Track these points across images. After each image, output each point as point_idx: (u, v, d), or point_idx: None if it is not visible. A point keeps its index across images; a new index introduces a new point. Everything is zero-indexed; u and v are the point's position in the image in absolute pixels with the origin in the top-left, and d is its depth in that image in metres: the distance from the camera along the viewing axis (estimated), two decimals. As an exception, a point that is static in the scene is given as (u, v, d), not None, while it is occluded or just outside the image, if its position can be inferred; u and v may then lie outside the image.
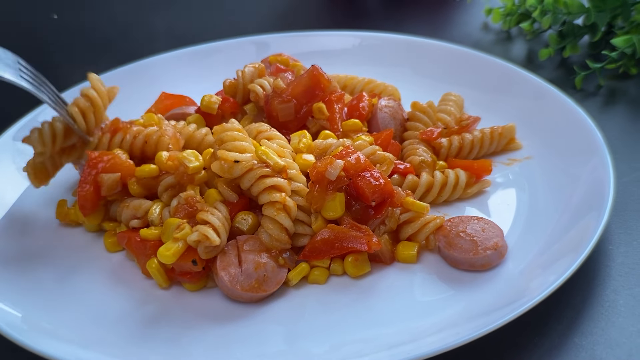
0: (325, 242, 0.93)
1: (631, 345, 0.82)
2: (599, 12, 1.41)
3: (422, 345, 0.79)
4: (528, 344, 0.84)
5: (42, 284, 0.95)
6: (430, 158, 1.08)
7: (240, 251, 0.92)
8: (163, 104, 1.24)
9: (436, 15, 1.77)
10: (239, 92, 1.19)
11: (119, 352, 0.85)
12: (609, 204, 0.92)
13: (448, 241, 0.93)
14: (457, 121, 1.16)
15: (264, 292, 0.90)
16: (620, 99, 1.31)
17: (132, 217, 1.01)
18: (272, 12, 1.85)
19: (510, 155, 1.12)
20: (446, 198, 1.04)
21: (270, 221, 0.93)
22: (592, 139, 1.05)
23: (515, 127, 1.14)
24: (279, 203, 0.93)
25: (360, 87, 1.25)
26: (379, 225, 0.96)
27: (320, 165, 0.95)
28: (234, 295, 0.90)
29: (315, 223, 0.95)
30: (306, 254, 0.94)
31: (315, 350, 0.83)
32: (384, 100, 1.16)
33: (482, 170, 1.06)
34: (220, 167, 0.95)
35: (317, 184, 0.94)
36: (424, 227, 0.96)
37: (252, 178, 0.94)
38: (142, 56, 1.42)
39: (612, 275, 0.92)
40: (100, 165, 1.00)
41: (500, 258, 0.92)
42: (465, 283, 0.90)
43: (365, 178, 0.95)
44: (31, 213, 1.08)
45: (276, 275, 0.91)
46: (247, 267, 0.90)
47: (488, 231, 0.94)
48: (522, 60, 1.46)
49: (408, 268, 0.94)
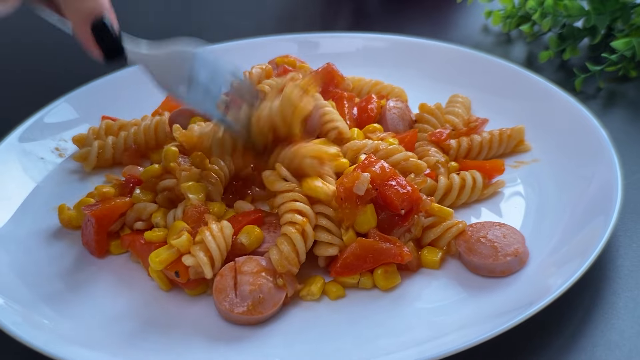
0: (357, 257, 0.91)
1: (631, 347, 0.83)
2: (599, 15, 1.42)
3: (427, 349, 0.80)
4: (528, 347, 0.85)
5: (46, 284, 0.96)
6: (444, 158, 1.08)
7: (237, 273, 0.90)
8: (170, 105, 1.25)
9: (436, 17, 1.77)
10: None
11: (122, 352, 0.85)
12: (616, 209, 0.92)
13: (468, 246, 0.93)
14: (465, 123, 1.17)
15: (259, 314, 0.87)
16: (619, 101, 1.32)
17: (136, 220, 1.02)
18: (273, 14, 1.86)
19: (517, 158, 1.12)
20: (464, 200, 1.04)
21: (286, 239, 0.91)
22: (600, 142, 1.05)
23: (524, 129, 1.14)
24: (300, 226, 0.91)
25: (367, 89, 1.26)
26: (404, 233, 0.95)
27: (347, 181, 0.93)
28: (229, 318, 0.88)
29: (346, 235, 0.93)
30: (338, 271, 0.91)
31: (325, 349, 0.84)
32: (392, 101, 1.17)
33: (495, 170, 1.06)
34: (267, 177, 0.97)
35: (345, 201, 0.92)
36: (446, 232, 0.95)
37: (285, 197, 0.94)
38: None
39: (612, 278, 0.93)
40: (90, 222, 1.00)
41: (521, 265, 0.91)
42: (475, 288, 0.91)
43: (392, 187, 0.93)
44: (37, 214, 1.08)
45: (272, 297, 0.88)
46: (242, 289, 0.88)
47: (509, 237, 0.94)
48: (522, 63, 1.47)
49: (429, 273, 0.94)
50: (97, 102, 1.30)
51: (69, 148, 1.22)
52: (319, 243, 0.94)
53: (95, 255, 1.01)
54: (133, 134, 1.18)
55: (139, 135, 1.17)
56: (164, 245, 0.94)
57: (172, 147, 1.05)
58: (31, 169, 1.16)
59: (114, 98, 1.32)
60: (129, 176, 1.07)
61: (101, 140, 1.18)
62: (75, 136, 1.22)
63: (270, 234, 0.96)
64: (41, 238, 1.04)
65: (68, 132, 1.24)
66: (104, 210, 1.00)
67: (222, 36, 1.51)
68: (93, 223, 0.99)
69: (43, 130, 1.23)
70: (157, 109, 1.26)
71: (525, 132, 1.15)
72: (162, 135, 1.18)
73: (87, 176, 1.17)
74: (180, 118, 1.17)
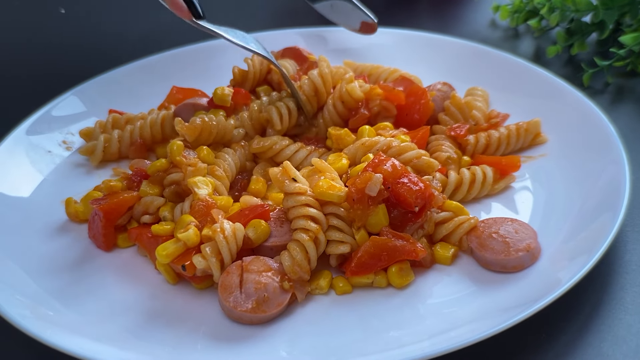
0: (371, 256, 0.90)
1: (638, 342, 0.83)
2: (607, 10, 1.41)
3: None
4: (535, 342, 0.84)
5: (52, 277, 0.96)
6: (455, 154, 1.08)
7: (244, 271, 0.89)
8: (175, 98, 1.25)
9: (443, 12, 1.77)
10: (248, 80, 1.22)
11: (128, 345, 0.85)
12: (624, 205, 0.92)
13: (480, 242, 0.93)
14: (485, 118, 1.16)
15: (263, 312, 0.86)
16: (628, 96, 1.31)
17: (144, 213, 1.02)
18: (278, 10, 1.85)
19: (525, 153, 1.12)
20: (475, 195, 1.04)
21: (299, 245, 0.90)
22: (608, 137, 1.05)
23: (540, 122, 1.14)
24: (313, 233, 0.91)
25: (385, 76, 1.27)
26: (417, 229, 0.94)
27: (359, 182, 0.92)
28: (233, 315, 0.88)
29: (358, 234, 0.92)
30: (354, 270, 0.90)
31: (337, 341, 0.84)
32: (439, 84, 1.21)
33: (510, 166, 1.06)
34: (275, 176, 0.95)
35: (357, 202, 0.92)
36: (458, 228, 0.95)
37: (296, 201, 0.93)
38: (152, 52, 1.43)
39: (620, 273, 0.93)
40: (98, 216, 1.00)
41: (533, 260, 0.91)
42: (483, 282, 0.90)
43: (405, 185, 0.92)
44: (44, 207, 1.08)
45: (277, 297, 0.87)
46: (248, 287, 0.87)
47: (521, 233, 0.93)
48: (529, 58, 1.46)
49: (441, 269, 0.94)
50: (104, 96, 1.31)
51: (77, 141, 1.22)
52: (331, 242, 0.94)
53: (103, 249, 1.01)
54: (139, 127, 1.18)
55: (145, 129, 1.18)
56: (171, 238, 0.94)
57: (177, 141, 1.05)
58: (38, 162, 1.16)
59: (122, 92, 1.32)
60: (137, 169, 1.07)
61: (107, 134, 1.18)
62: (82, 129, 1.22)
63: (277, 228, 0.95)
64: (48, 231, 1.05)
65: (75, 125, 1.25)
66: (112, 205, 1.00)
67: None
68: (101, 217, 0.99)
69: (51, 124, 1.24)
70: (163, 103, 1.26)
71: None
72: (168, 129, 1.18)
73: (94, 169, 1.17)
74: (184, 111, 1.17)
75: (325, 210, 0.94)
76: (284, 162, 0.96)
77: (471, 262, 0.94)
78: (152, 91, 1.27)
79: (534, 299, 0.83)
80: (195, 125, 1.08)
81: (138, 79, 1.33)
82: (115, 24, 1.80)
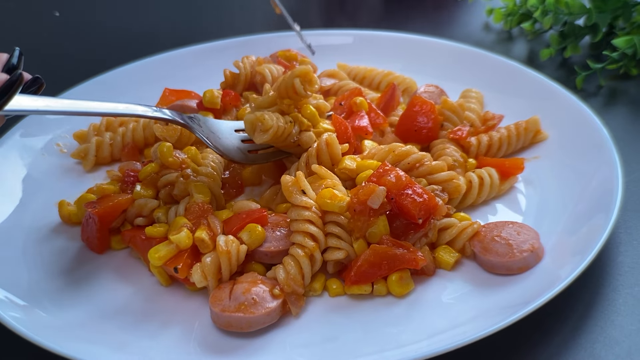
0: (371, 265, 0.90)
1: (630, 344, 0.83)
2: (600, 13, 1.42)
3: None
4: (527, 343, 0.85)
5: (46, 279, 0.96)
6: (461, 158, 1.08)
7: (235, 283, 0.89)
8: (167, 100, 1.25)
9: (437, 15, 1.77)
10: (239, 82, 1.23)
11: (121, 347, 0.85)
12: (617, 206, 0.92)
13: (484, 246, 0.92)
14: (481, 120, 1.16)
15: (251, 314, 0.85)
16: (620, 99, 1.32)
17: (137, 216, 1.02)
18: (273, 12, 1.85)
19: (518, 155, 1.12)
20: (485, 198, 1.04)
21: (294, 260, 0.90)
22: (601, 140, 1.05)
23: (539, 119, 1.14)
24: (309, 250, 0.91)
25: (379, 79, 1.27)
26: (420, 238, 0.93)
27: (362, 194, 0.91)
28: (220, 321, 0.86)
29: (356, 243, 0.92)
30: (353, 279, 0.90)
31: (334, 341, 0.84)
32: (424, 86, 1.21)
33: (514, 168, 1.06)
34: (286, 184, 0.94)
35: (359, 213, 0.91)
36: (461, 234, 0.94)
37: (300, 216, 0.92)
38: (146, 55, 1.43)
39: (612, 274, 0.93)
40: (93, 220, 0.99)
41: (537, 260, 0.91)
42: (478, 284, 0.90)
43: (409, 196, 0.91)
44: (38, 209, 1.08)
45: (265, 301, 0.87)
46: (236, 293, 0.87)
47: (523, 234, 0.93)
48: (523, 61, 1.47)
49: (443, 275, 0.93)
50: (97, 99, 1.28)
51: (70, 144, 1.22)
52: (328, 248, 0.93)
53: (96, 252, 1.01)
54: (132, 130, 1.18)
55: (138, 131, 1.18)
56: (165, 240, 0.94)
57: (165, 143, 1.05)
58: (32, 164, 1.16)
59: (115, 94, 1.31)
60: (128, 171, 1.07)
61: (100, 137, 1.18)
62: (76, 132, 1.22)
63: (273, 234, 0.95)
64: (41, 233, 1.04)
65: (69, 127, 1.25)
66: (107, 209, 1.00)
67: (219, 34, 1.52)
68: (96, 221, 0.99)
69: (44, 126, 1.23)
70: (156, 105, 1.26)
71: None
72: None
73: (87, 172, 1.17)
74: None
75: (326, 219, 0.94)
76: (297, 173, 0.95)
77: (469, 264, 0.94)
78: (145, 93, 1.27)
79: (528, 300, 0.83)
80: (175, 127, 1.09)
81: (131, 81, 1.33)
82: (109, 27, 1.80)
